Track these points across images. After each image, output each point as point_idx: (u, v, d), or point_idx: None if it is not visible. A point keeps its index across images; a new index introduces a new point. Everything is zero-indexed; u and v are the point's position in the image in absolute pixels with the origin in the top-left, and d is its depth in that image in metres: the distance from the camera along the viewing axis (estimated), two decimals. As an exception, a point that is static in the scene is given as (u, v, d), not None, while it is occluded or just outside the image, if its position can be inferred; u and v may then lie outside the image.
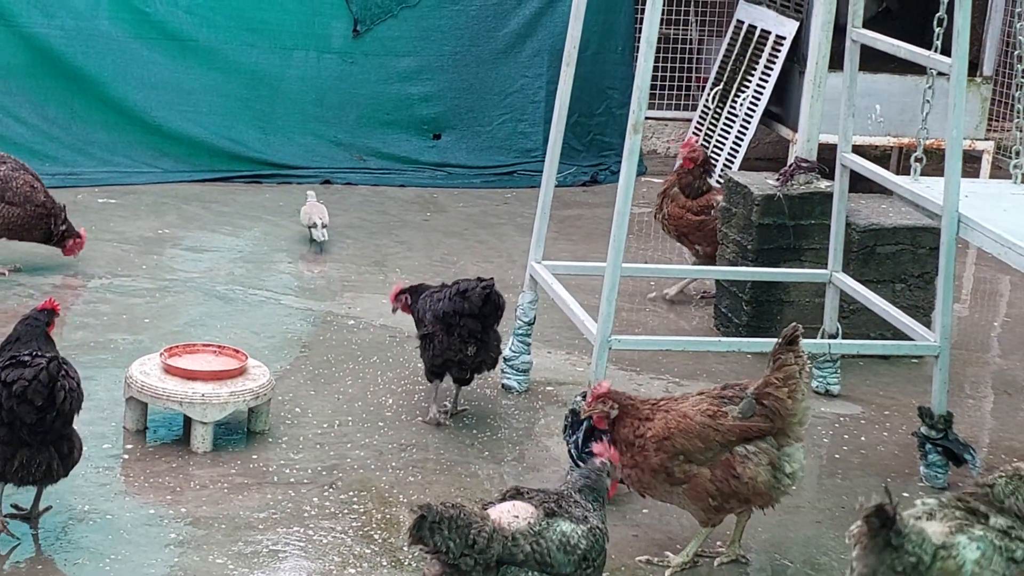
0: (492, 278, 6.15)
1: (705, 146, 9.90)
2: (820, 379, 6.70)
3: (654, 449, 4.94)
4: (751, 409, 4.92)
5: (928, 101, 6.12)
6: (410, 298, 6.29)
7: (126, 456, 5.64)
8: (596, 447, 4.66)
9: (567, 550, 4.24)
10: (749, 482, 4.92)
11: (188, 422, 5.75)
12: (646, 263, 8.36)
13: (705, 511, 5.00)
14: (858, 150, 9.93)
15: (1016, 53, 6.03)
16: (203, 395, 5.68)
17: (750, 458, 4.91)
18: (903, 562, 4.05)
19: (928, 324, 6.59)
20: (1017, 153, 6.09)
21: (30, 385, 4.73)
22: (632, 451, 4.97)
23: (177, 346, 5.98)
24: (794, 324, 5.01)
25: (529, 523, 4.24)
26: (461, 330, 6.00)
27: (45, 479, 4.94)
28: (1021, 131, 6.05)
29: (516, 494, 4.35)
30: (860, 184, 6.50)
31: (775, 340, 5.07)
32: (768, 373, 4.96)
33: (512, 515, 4.25)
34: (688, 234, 7.80)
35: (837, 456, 6.13)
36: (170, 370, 5.79)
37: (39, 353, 4.90)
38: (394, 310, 6.40)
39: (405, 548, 4.97)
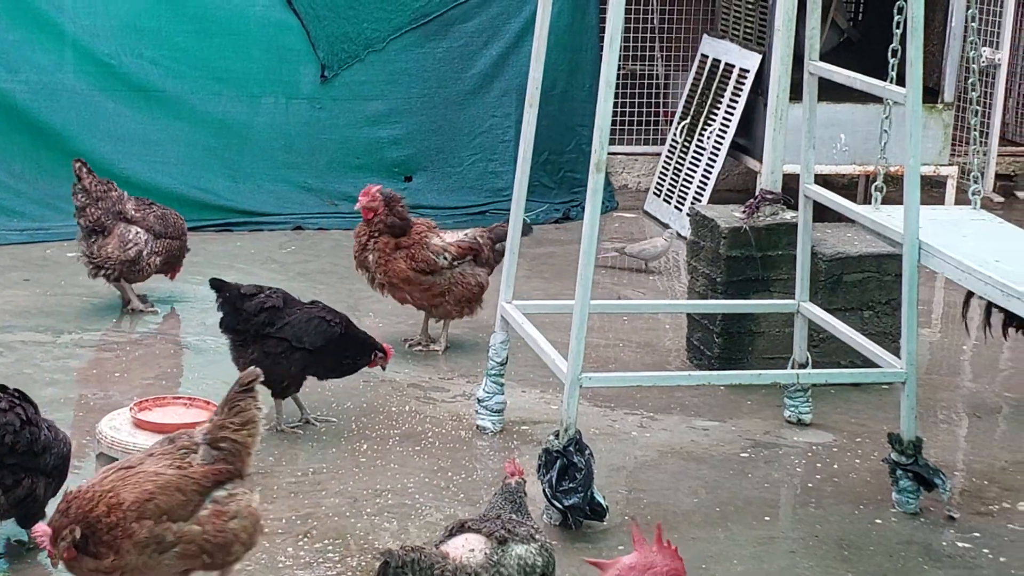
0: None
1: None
2: (792, 408, 6.73)
3: (136, 519, 4.56)
4: (210, 455, 4.75)
5: (886, 131, 6.17)
6: None
7: (99, 511, 5.63)
8: (507, 466, 4.69)
9: (527, 571, 4.32)
10: (248, 514, 4.76)
11: (160, 475, 5.73)
12: (619, 298, 8.40)
13: (198, 567, 4.76)
14: (826, 179, 10.05)
15: (970, 81, 6.08)
16: (174, 448, 5.67)
17: (234, 495, 4.75)
18: None
19: (897, 350, 6.61)
20: (976, 179, 6.14)
21: None
22: (115, 546, 4.53)
23: (147, 400, 5.97)
24: (252, 370, 4.88)
25: (486, 554, 4.30)
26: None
27: None
28: (976, 157, 6.10)
29: (462, 527, 4.39)
30: (829, 213, 6.55)
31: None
32: (223, 417, 4.79)
33: (468, 549, 4.31)
34: (416, 292, 7.40)
35: (810, 485, 6.15)
36: (140, 424, 5.78)
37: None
38: None
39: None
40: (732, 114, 9.88)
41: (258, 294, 6.50)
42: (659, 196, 10.39)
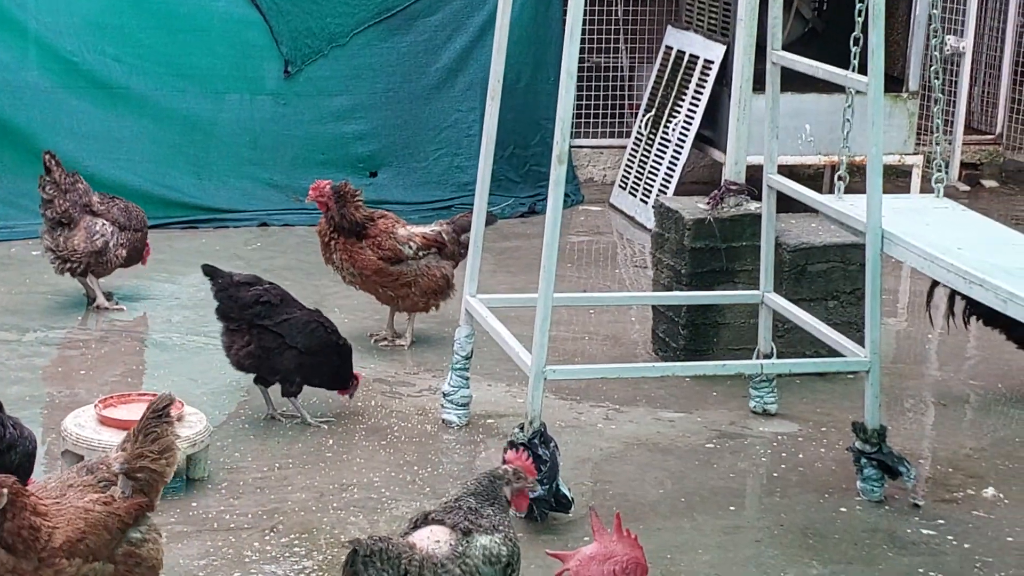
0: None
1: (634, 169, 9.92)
2: (758, 399, 6.75)
3: (66, 557, 4.34)
4: (128, 487, 4.56)
5: (848, 120, 6.18)
6: None
7: (63, 510, 5.61)
8: (509, 454, 4.67)
9: (492, 562, 4.32)
10: (154, 564, 4.61)
11: (125, 473, 5.72)
12: (584, 291, 8.41)
13: None
14: (791, 170, 10.07)
15: (932, 69, 6.10)
16: (139, 445, 5.65)
17: (147, 540, 4.58)
18: None
19: (862, 340, 6.62)
20: (939, 168, 6.16)
21: None
22: (30, 552, 4.28)
23: (111, 397, 5.96)
24: (164, 395, 4.67)
25: (451, 545, 4.31)
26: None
27: None
28: (940, 146, 6.12)
29: (426, 519, 4.40)
30: (795, 204, 6.56)
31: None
32: (140, 446, 4.59)
33: (433, 541, 4.31)
34: (384, 282, 7.41)
35: (775, 474, 6.17)
36: (105, 421, 5.77)
37: None
38: None
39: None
40: (697, 105, 9.89)
41: (255, 284, 6.50)
42: (625, 189, 10.39)
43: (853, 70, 5.99)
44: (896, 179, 10.49)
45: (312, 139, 10.00)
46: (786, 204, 6.62)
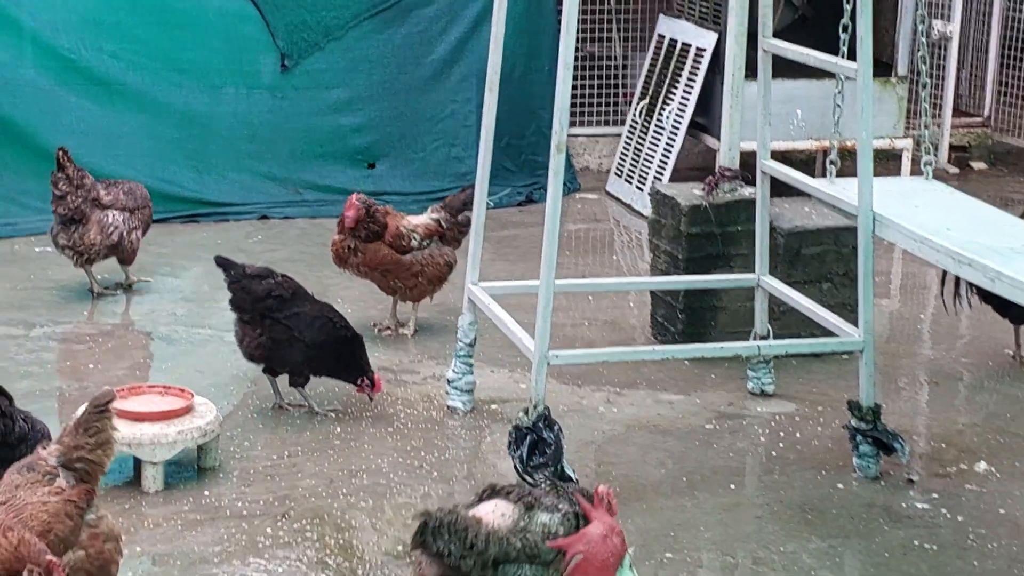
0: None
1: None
2: (755, 380, 6.87)
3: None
4: (69, 477, 4.58)
5: (839, 106, 6.30)
6: None
7: (79, 500, 5.72)
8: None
9: (549, 538, 4.38)
10: (116, 535, 4.62)
11: (138, 463, 5.84)
12: (584, 278, 8.51)
13: None
14: (784, 155, 10.17)
15: (919, 54, 6.22)
16: (151, 436, 5.78)
17: (102, 517, 4.61)
18: None
19: (856, 320, 6.74)
20: (927, 151, 6.28)
21: None
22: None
23: (122, 389, 6.05)
24: (106, 390, 4.78)
25: (514, 520, 4.38)
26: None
27: None
28: (928, 129, 6.23)
29: (493, 492, 4.49)
30: (789, 188, 6.68)
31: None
32: (76, 438, 4.63)
33: (499, 514, 4.39)
34: (397, 273, 7.56)
35: (774, 453, 6.30)
36: (117, 413, 5.86)
37: None
38: None
39: (408, 555, 5.00)
40: (690, 93, 9.99)
41: (267, 277, 6.62)
42: (620, 176, 10.51)
43: (842, 57, 6.11)
44: (887, 162, 10.61)
45: (310, 132, 10.08)
46: (780, 189, 6.74)
